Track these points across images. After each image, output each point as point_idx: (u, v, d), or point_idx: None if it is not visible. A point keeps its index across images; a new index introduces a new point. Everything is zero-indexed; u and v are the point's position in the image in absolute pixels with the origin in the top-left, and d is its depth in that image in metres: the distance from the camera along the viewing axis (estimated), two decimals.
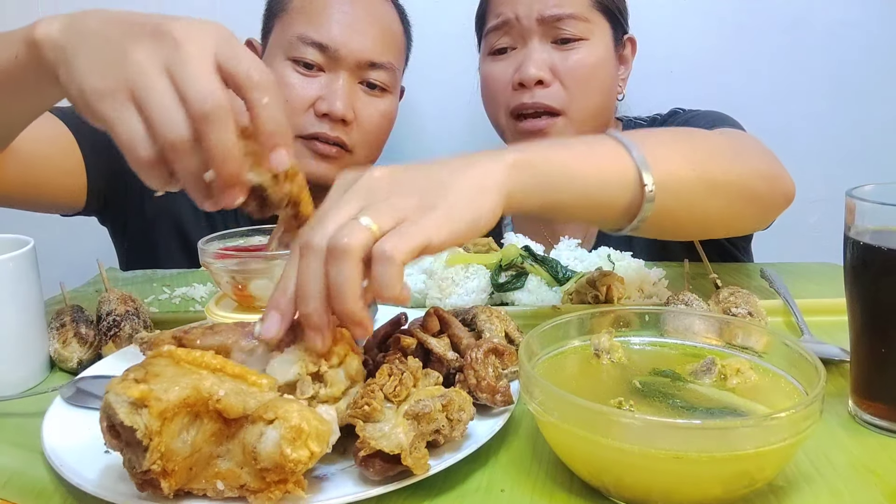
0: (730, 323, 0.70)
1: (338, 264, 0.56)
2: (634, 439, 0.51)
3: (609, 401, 0.60)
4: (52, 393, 0.72)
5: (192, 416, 0.52)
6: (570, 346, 0.69)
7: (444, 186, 0.62)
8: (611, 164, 0.75)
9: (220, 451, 0.53)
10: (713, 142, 0.91)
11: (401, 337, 0.68)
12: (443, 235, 0.59)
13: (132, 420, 0.49)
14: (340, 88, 1.30)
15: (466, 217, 0.62)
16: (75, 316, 0.89)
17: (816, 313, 0.94)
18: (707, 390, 0.62)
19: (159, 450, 0.49)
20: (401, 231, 0.57)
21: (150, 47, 0.60)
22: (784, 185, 0.93)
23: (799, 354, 0.61)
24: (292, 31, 1.32)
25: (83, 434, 0.63)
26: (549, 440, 0.60)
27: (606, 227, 0.83)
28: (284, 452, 0.50)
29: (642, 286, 1.04)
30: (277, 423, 0.51)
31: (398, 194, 0.61)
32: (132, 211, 1.38)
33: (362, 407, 0.56)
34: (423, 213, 0.59)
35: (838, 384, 0.75)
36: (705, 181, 0.81)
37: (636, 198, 0.76)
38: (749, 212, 0.92)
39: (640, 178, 0.75)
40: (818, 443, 0.64)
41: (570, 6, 1.28)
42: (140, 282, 1.24)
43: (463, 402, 0.60)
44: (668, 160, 0.78)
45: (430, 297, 1.02)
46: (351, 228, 0.57)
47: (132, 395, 0.49)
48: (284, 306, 0.59)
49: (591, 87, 1.31)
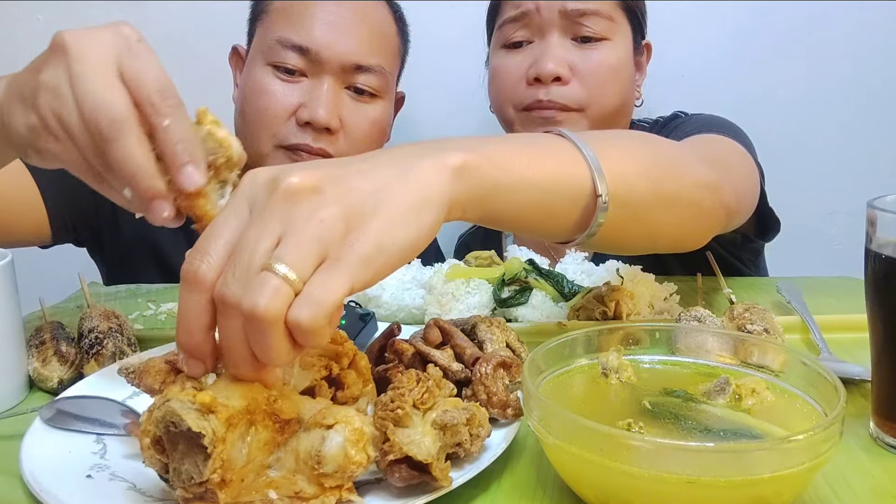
0: (745, 340, 0.70)
1: (257, 333, 0.51)
2: (644, 463, 0.51)
3: (618, 422, 0.60)
4: (30, 414, 0.72)
5: (248, 424, 0.53)
6: (576, 364, 0.70)
7: (375, 201, 0.55)
8: (564, 170, 0.71)
9: (271, 460, 0.55)
10: (662, 146, 0.88)
11: (396, 342, 0.70)
12: (370, 273, 0.53)
13: (200, 426, 0.50)
14: (324, 94, 1.27)
15: (401, 243, 0.55)
16: (55, 333, 0.89)
17: (836, 330, 0.94)
18: (721, 411, 0.62)
19: (222, 458, 0.50)
20: (321, 281, 0.51)
21: (51, 68, 0.61)
22: (725, 197, 0.89)
23: (817, 374, 0.61)
24: (272, 34, 1.30)
25: (64, 457, 0.63)
26: (555, 464, 0.60)
27: (554, 238, 0.80)
28: (349, 454, 0.52)
29: (653, 302, 1.04)
30: (340, 426, 0.53)
31: (321, 213, 0.53)
32: (107, 231, 1.39)
33: (395, 410, 0.57)
34: (350, 245, 0.53)
35: (859, 405, 0.75)
36: (656, 188, 0.78)
37: (589, 207, 0.73)
38: (695, 224, 0.88)
39: (595, 186, 0.72)
40: (838, 467, 0.64)
41: (597, 2, 1.28)
42: (124, 297, 1.25)
43: (482, 417, 0.62)
44: (620, 164, 0.75)
45: (429, 313, 1.02)
46: (268, 287, 0.50)
47: (202, 402, 0.50)
48: (200, 350, 0.55)
49: (612, 89, 1.31)
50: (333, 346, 0.63)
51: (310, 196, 0.54)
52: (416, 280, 1.10)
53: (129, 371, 0.66)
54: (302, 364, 0.60)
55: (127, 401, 0.74)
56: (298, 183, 0.54)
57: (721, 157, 1.00)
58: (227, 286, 0.51)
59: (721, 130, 1.16)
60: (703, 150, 1.01)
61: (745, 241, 1.29)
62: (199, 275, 0.52)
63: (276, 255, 0.51)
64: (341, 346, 0.63)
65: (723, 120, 1.29)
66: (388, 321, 0.95)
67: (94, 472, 0.63)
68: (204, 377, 0.55)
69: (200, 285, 0.52)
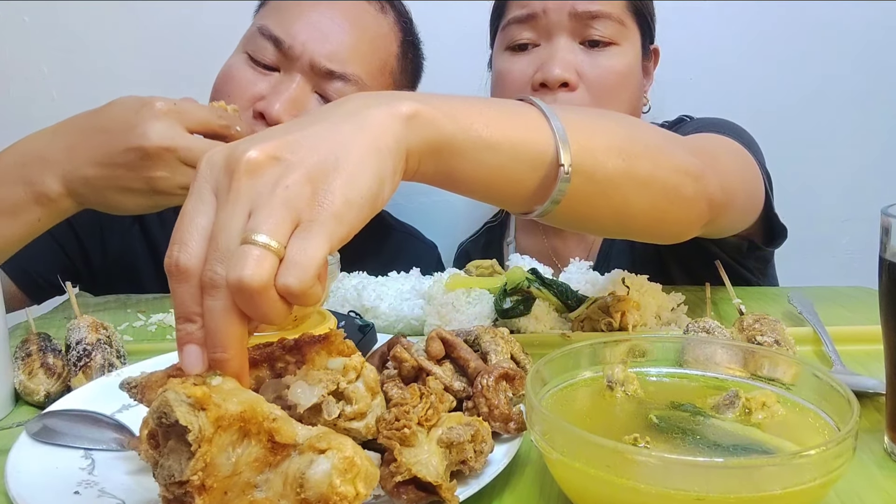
0: (755, 352, 0.70)
1: (252, 303, 0.52)
2: (651, 479, 0.51)
3: (623, 437, 0.60)
4: (16, 428, 0.72)
5: (241, 434, 0.52)
6: (580, 377, 0.70)
7: (334, 157, 0.57)
8: (526, 136, 0.72)
9: (259, 479, 0.54)
10: (643, 129, 0.88)
11: (398, 352, 0.70)
12: (345, 228, 0.55)
13: (188, 420, 0.50)
14: (287, 91, 1.24)
15: (366, 193, 0.57)
16: (42, 345, 0.89)
17: (849, 342, 0.94)
18: (730, 426, 0.63)
19: (205, 459, 0.50)
20: (301, 246, 0.53)
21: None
22: (707, 188, 0.88)
23: (830, 387, 0.61)
24: (258, 21, 1.31)
25: (51, 473, 0.63)
26: (559, 479, 0.60)
27: (513, 207, 0.80)
28: (333, 483, 0.51)
29: (660, 312, 1.04)
30: (331, 452, 0.52)
31: (285, 180, 0.54)
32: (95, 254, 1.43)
33: (401, 430, 0.57)
34: (319, 204, 0.55)
35: (873, 419, 0.75)
36: (627, 167, 0.78)
37: (549, 176, 0.73)
38: (672, 210, 0.87)
39: (558, 154, 0.72)
40: (851, 483, 0.64)
41: (608, 4, 1.28)
42: (113, 307, 1.25)
43: (486, 433, 0.62)
44: (589, 138, 0.75)
45: (429, 324, 1.02)
46: (251, 257, 0.51)
47: (194, 395, 0.50)
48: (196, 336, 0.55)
49: (619, 96, 1.30)
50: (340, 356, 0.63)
51: (271, 166, 0.55)
52: (416, 290, 1.10)
53: (132, 386, 0.66)
54: (308, 379, 0.60)
55: (116, 415, 0.74)
56: (257, 157, 0.55)
57: (710, 148, 0.99)
58: (213, 271, 0.53)
59: (722, 131, 1.16)
60: (692, 141, 1.00)
61: (751, 249, 1.29)
62: (181, 264, 0.53)
63: (251, 228, 0.52)
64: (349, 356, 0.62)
65: (727, 122, 1.29)
66: (386, 332, 0.96)
67: (82, 488, 0.63)
68: (210, 378, 0.54)
69: (184, 274, 0.54)
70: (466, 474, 0.61)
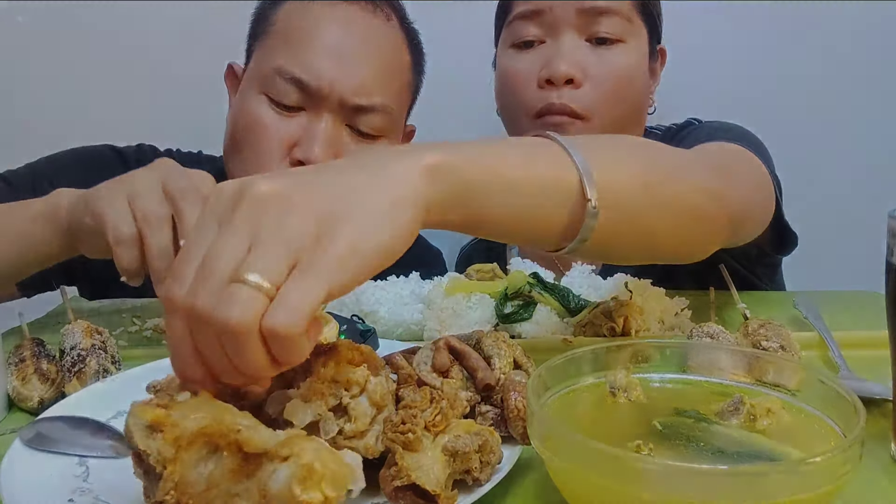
0: (760, 358, 0.70)
1: (233, 345, 0.51)
2: (654, 487, 0.51)
3: (626, 444, 0.60)
4: (10, 435, 0.72)
5: (210, 448, 0.52)
6: (582, 383, 0.69)
7: (346, 204, 0.55)
8: (551, 174, 0.71)
9: (238, 489, 0.53)
10: (661, 152, 0.88)
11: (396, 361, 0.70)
12: (348, 276, 0.53)
13: (146, 444, 0.50)
14: (321, 132, 1.22)
15: (375, 244, 0.55)
16: (36, 350, 0.89)
17: (855, 347, 0.94)
18: (735, 432, 0.63)
19: (173, 479, 0.50)
20: (294, 286, 0.51)
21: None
22: (729, 205, 0.89)
23: (836, 392, 0.61)
24: (271, 60, 1.25)
25: (45, 480, 0.63)
26: (560, 487, 0.60)
27: (543, 246, 0.79)
28: (294, 492, 0.50)
29: (663, 317, 1.04)
30: (291, 460, 0.51)
31: (290, 219, 0.53)
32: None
33: (406, 433, 0.57)
34: (323, 249, 0.53)
35: (880, 425, 0.75)
36: (651, 194, 0.78)
37: (576, 212, 0.72)
38: (696, 231, 0.87)
39: (584, 190, 0.71)
40: (857, 490, 0.64)
41: (615, 0, 1.28)
42: (107, 312, 1.25)
43: (495, 443, 0.62)
44: (612, 169, 0.74)
45: (429, 329, 1.02)
46: (239, 296, 0.50)
47: (146, 419, 0.50)
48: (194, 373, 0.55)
49: (624, 94, 1.30)
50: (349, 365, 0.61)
51: (277, 203, 0.54)
52: (415, 294, 1.10)
53: (157, 389, 0.66)
54: (305, 396, 0.59)
55: (111, 421, 0.74)
56: (265, 191, 0.54)
57: (727, 163, 1.00)
58: (196, 297, 0.51)
59: (734, 138, 1.16)
60: (708, 156, 1.01)
61: (760, 256, 1.29)
62: (177, 301, 0.53)
63: (246, 265, 0.51)
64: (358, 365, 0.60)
65: (737, 127, 1.28)
66: (385, 338, 0.96)
67: (77, 495, 0.62)
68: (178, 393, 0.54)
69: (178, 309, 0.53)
70: (469, 484, 0.60)
